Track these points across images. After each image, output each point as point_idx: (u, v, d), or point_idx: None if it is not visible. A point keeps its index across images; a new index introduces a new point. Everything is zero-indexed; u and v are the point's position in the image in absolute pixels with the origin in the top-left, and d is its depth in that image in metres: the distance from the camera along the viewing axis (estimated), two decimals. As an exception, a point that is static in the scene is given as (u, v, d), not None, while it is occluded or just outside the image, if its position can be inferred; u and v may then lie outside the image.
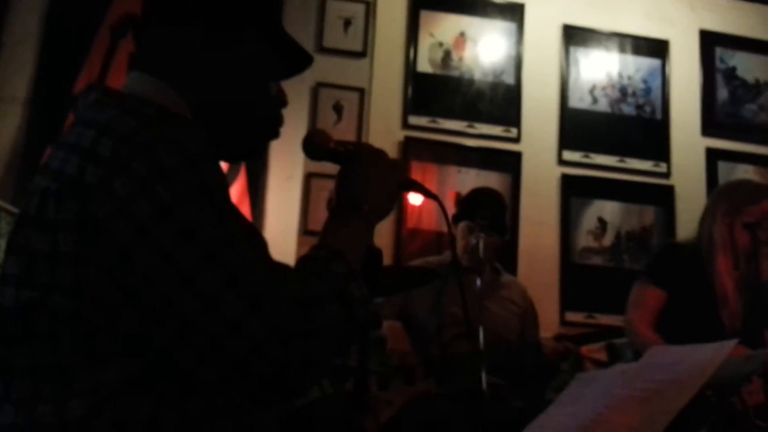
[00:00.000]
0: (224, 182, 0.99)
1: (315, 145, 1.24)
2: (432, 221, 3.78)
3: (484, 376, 2.35)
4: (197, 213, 0.91)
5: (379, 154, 1.20)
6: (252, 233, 0.98)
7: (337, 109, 3.77)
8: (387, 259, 3.65)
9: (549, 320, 3.68)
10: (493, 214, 2.91)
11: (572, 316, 3.85)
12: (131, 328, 0.92)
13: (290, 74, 1.27)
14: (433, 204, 3.70)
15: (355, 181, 1.16)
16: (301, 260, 1.03)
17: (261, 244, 0.98)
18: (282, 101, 1.22)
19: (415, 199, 3.75)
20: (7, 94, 3.37)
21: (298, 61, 1.25)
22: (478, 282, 2.67)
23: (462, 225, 3.00)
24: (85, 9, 3.44)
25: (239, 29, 1.14)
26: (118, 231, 0.90)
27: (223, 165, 1.14)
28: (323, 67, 3.78)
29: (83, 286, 0.91)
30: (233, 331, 0.88)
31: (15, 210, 2.62)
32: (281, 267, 1.00)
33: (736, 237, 2.46)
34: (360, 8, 3.90)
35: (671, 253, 2.68)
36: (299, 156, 2.09)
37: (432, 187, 3.78)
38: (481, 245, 2.73)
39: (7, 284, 0.96)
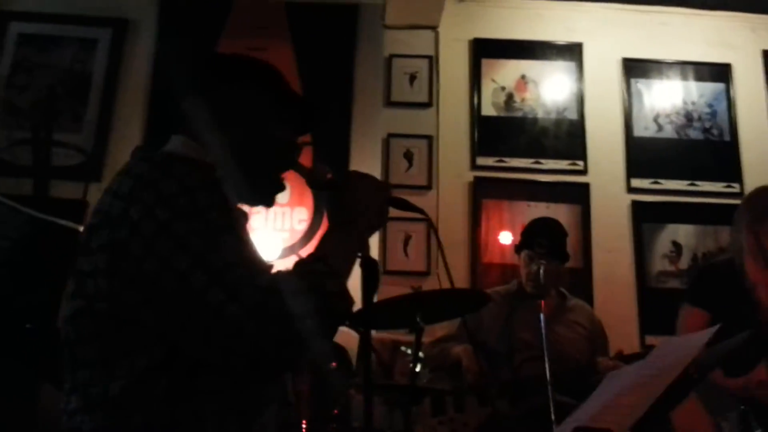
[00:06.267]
0: (220, 204, 1.25)
1: (316, 178, 1.49)
2: (505, 256, 3.95)
3: (551, 396, 2.50)
4: (188, 227, 1.18)
5: (367, 177, 1.42)
6: (240, 240, 1.24)
7: (408, 156, 4.05)
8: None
9: (629, 345, 3.73)
10: (551, 241, 3.07)
11: (653, 340, 3.89)
12: (150, 323, 1.19)
13: (308, 127, 1.57)
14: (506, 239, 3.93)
15: (349, 201, 1.38)
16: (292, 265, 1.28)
17: (246, 249, 1.25)
18: (298, 149, 1.53)
19: (504, 239, 3.94)
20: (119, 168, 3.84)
21: (313, 113, 1.56)
22: (543, 306, 2.83)
23: (523, 254, 3.17)
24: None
25: (248, 89, 1.44)
26: (134, 247, 1.18)
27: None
28: (393, 119, 4.10)
29: (115, 293, 1.19)
30: (217, 316, 1.13)
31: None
32: (266, 266, 1.25)
33: (763, 243, 2.51)
34: (424, 62, 4.21)
35: (707, 274, 2.74)
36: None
37: (503, 222, 3.98)
38: (541, 271, 2.90)
39: (66, 299, 1.28)
